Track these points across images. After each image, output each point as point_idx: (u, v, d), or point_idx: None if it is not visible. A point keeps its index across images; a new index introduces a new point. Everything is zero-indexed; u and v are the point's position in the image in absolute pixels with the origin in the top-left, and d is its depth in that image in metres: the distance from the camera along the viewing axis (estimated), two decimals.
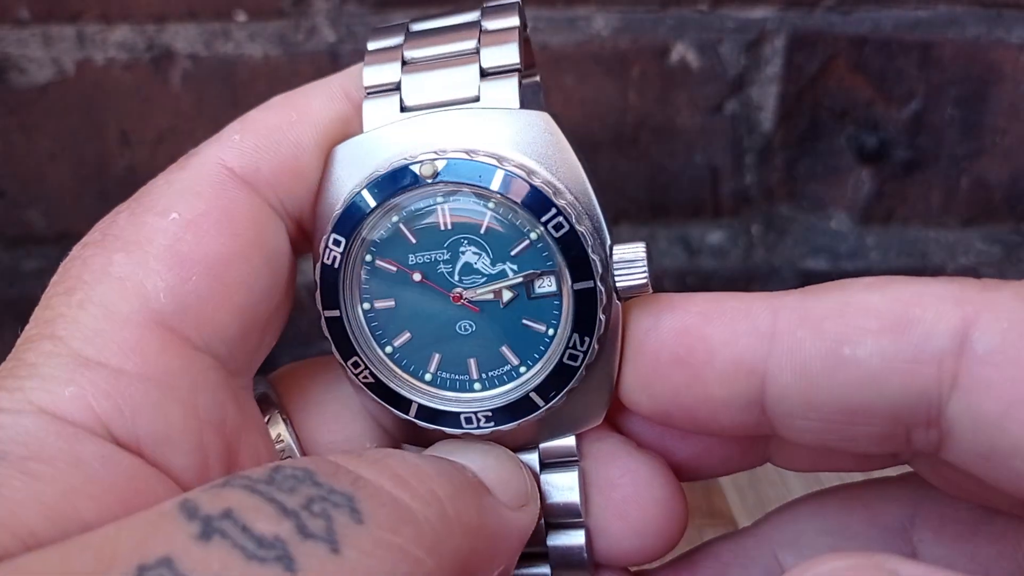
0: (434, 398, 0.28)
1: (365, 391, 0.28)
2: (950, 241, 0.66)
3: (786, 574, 0.19)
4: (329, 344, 0.28)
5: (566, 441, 0.28)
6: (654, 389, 0.26)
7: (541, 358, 0.27)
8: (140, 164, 0.62)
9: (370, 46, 0.29)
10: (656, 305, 0.26)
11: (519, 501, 0.26)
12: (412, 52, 0.28)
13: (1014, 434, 0.21)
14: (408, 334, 0.28)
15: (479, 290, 0.27)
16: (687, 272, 0.67)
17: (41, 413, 0.22)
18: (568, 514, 0.28)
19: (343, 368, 0.28)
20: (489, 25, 0.28)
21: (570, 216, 0.26)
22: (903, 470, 0.28)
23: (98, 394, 0.23)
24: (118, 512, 0.21)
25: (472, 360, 0.28)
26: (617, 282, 0.26)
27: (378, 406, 0.28)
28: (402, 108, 0.27)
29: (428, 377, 0.28)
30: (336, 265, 0.27)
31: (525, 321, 0.27)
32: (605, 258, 0.27)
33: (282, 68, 0.60)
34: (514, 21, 0.28)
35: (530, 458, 0.29)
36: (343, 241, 0.27)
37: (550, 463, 0.29)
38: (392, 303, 0.28)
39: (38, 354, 0.23)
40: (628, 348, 0.27)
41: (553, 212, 0.26)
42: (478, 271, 0.27)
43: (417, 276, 0.27)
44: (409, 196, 0.27)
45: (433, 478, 0.22)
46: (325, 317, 0.28)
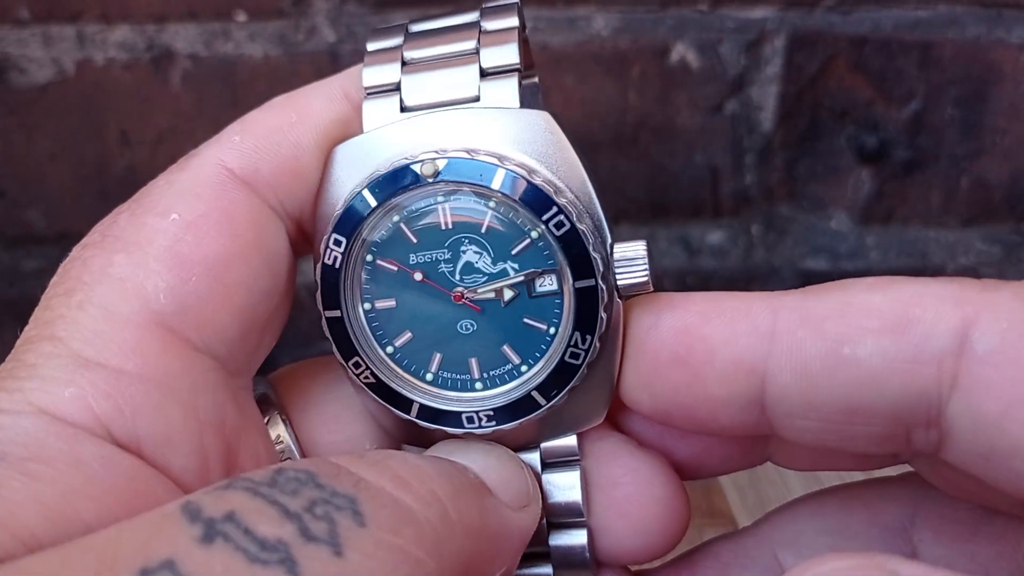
0: (435, 398, 0.28)
1: (366, 391, 0.28)
2: (950, 241, 0.66)
3: (786, 574, 0.19)
4: (330, 344, 0.28)
5: (567, 440, 0.28)
6: (654, 388, 0.26)
7: (542, 357, 0.27)
8: (140, 164, 0.62)
9: (370, 47, 0.29)
10: (657, 304, 0.26)
11: (521, 501, 0.26)
12: (412, 53, 0.28)
13: (1014, 434, 0.21)
14: (409, 334, 0.28)
15: (480, 289, 0.27)
16: (687, 272, 0.67)
17: (41, 414, 0.22)
18: (570, 513, 0.28)
19: (344, 368, 0.28)
20: (488, 25, 0.28)
21: (571, 214, 0.26)
22: (903, 470, 0.28)
23: (98, 395, 0.23)
24: (118, 513, 0.21)
25: (473, 359, 0.28)
26: (618, 280, 0.27)
27: (379, 406, 0.28)
28: (402, 108, 0.27)
29: (429, 377, 0.28)
30: (337, 265, 0.27)
31: (526, 320, 0.27)
32: (606, 256, 0.27)
33: (282, 68, 0.60)
34: (513, 21, 0.28)
35: (531, 457, 0.29)
36: (344, 241, 0.27)
37: (551, 462, 0.29)
38: (393, 303, 0.28)
39: (38, 355, 0.23)
40: (629, 347, 0.27)
41: (554, 211, 0.26)
42: (479, 270, 0.27)
43: (418, 275, 0.27)
44: (410, 196, 0.27)
45: (434, 479, 0.22)
46: (326, 317, 0.28)
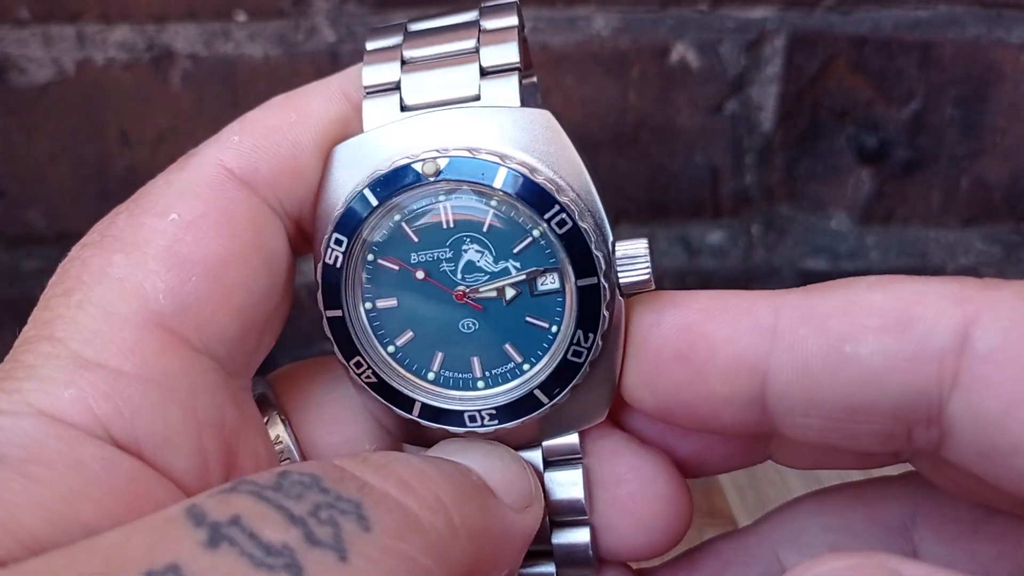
0: (437, 397, 0.28)
1: (367, 391, 0.28)
2: (950, 241, 0.66)
3: (787, 573, 0.19)
4: (331, 344, 0.28)
5: (569, 439, 0.28)
6: (656, 386, 0.26)
7: (544, 355, 0.27)
8: (140, 164, 0.62)
9: (369, 46, 0.29)
10: (659, 302, 0.26)
11: (523, 502, 0.26)
12: (411, 52, 0.28)
13: (1014, 433, 0.21)
14: (411, 333, 0.28)
15: (482, 288, 0.27)
16: (687, 272, 0.67)
17: (40, 415, 0.22)
18: (573, 512, 0.28)
19: (345, 368, 0.28)
20: (488, 24, 0.28)
21: (573, 213, 0.26)
22: (904, 469, 0.28)
23: (97, 396, 0.22)
24: (119, 515, 0.21)
25: (475, 358, 0.28)
26: (620, 278, 0.27)
27: (380, 406, 0.28)
28: (402, 107, 0.27)
29: (431, 376, 0.28)
30: (338, 265, 0.27)
31: (528, 318, 0.27)
32: (608, 254, 0.27)
33: (282, 68, 0.60)
34: (513, 20, 0.28)
35: (533, 456, 0.29)
36: (345, 241, 0.27)
37: (553, 461, 0.29)
38: (394, 302, 0.28)
39: (37, 355, 0.23)
40: (631, 345, 0.27)
41: (556, 209, 0.26)
42: (481, 269, 0.27)
43: (420, 274, 0.27)
44: (411, 195, 0.27)
45: (438, 483, 0.22)
46: (327, 317, 0.28)
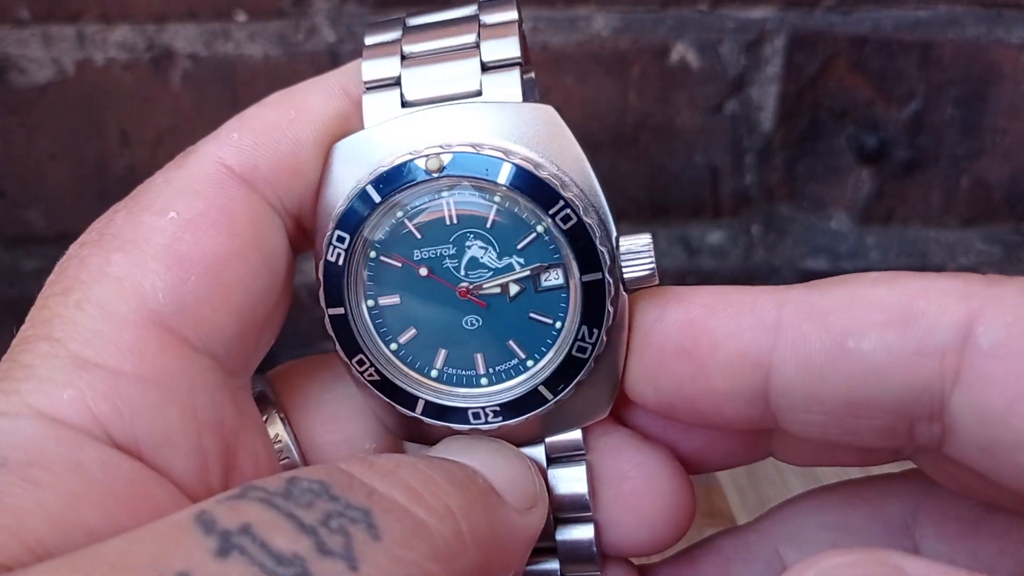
0: (441, 394, 0.28)
1: (370, 389, 0.28)
2: (950, 241, 0.66)
3: (788, 570, 0.19)
4: (333, 342, 0.28)
5: (572, 435, 0.28)
6: (659, 381, 0.26)
7: (549, 351, 0.27)
8: (140, 164, 0.62)
9: (368, 41, 0.29)
10: (662, 297, 0.26)
11: (528, 503, 0.26)
12: (411, 46, 0.28)
13: (1017, 428, 0.21)
14: (414, 330, 0.28)
15: (486, 284, 0.27)
16: (687, 272, 0.67)
17: (40, 417, 0.21)
18: (576, 508, 0.28)
19: (347, 366, 0.28)
20: (488, 19, 0.28)
21: (577, 208, 0.26)
22: (905, 466, 0.28)
23: (97, 397, 0.22)
24: (121, 517, 0.21)
25: (479, 355, 0.28)
26: (624, 273, 0.26)
27: (382, 404, 0.28)
28: (403, 103, 0.27)
29: (434, 373, 0.28)
30: (340, 262, 0.27)
31: (532, 315, 0.27)
32: (612, 250, 0.26)
33: (282, 68, 0.60)
34: (513, 15, 0.28)
35: (536, 452, 0.28)
36: (347, 238, 0.27)
37: (557, 457, 0.29)
38: (397, 299, 0.28)
39: (35, 355, 0.23)
40: (633, 340, 0.27)
41: (561, 204, 0.26)
42: (484, 265, 0.27)
43: (423, 271, 0.27)
44: (414, 191, 0.26)
45: (446, 490, 0.22)
46: (329, 315, 0.27)
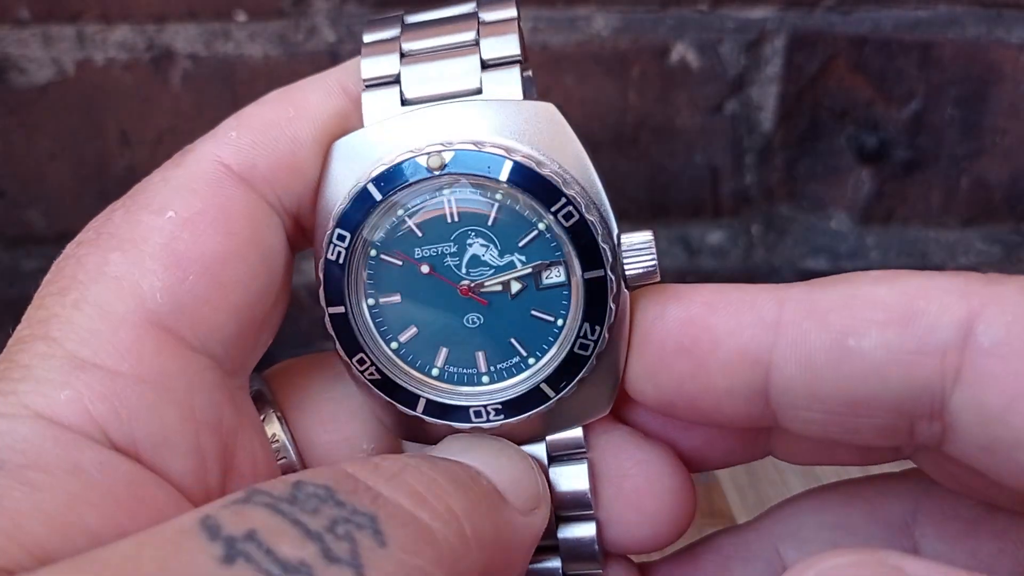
0: (442, 393, 0.28)
1: (371, 388, 0.28)
2: (950, 241, 0.66)
3: (788, 571, 0.19)
4: (333, 342, 0.28)
5: (573, 433, 0.28)
6: (659, 379, 0.26)
7: (550, 349, 0.27)
8: (140, 164, 0.62)
9: (366, 38, 0.29)
10: (663, 295, 0.26)
11: (531, 504, 0.26)
12: (410, 44, 0.28)
13: (1017, 427, 0.21)
14: (414, 329, 0.28)
15: (487, 282, 0.27)
16: (687, 272, 0.67)
17: (37, 418, 0.21)
18: (578, 506, 0.28)
19: (348, 365, 0.28)
20: (487, 16, 0.28)
21: (579, 205, 0.26)
22: (905, 466, 0.28)
23: (94, 397, 0.22)
24: (120, 519, 0.20)
25: (480, 353, 0.28)
26: (626, 270, 0.26)
27: (383, 403, 0.28)
28: (403, 101, 0.27)
29: (435, 372, 0.28)
30: (340, 261, 0.27)
31: (534, 312, 0.27)
32: (614, 247, 0.26)
33: (282, 68, 0.60)
34: (512, 12, 0.28)
35: (537, 450, 0.28)
36: (348, 236, 0.27)
37: (558, 456, 0.28)
38: (398, 298, 0.27)
39: (32, 355, 0.23)
40: (634, 338, 0.27)
41: (563, 202, 0.26)
42: (486, 263, 0.27)
43: (425, 269, 0.27)
44: (415, 189, 0.26)
45: (450, 494, 0.22)
46: (329, 314, 0.27)
